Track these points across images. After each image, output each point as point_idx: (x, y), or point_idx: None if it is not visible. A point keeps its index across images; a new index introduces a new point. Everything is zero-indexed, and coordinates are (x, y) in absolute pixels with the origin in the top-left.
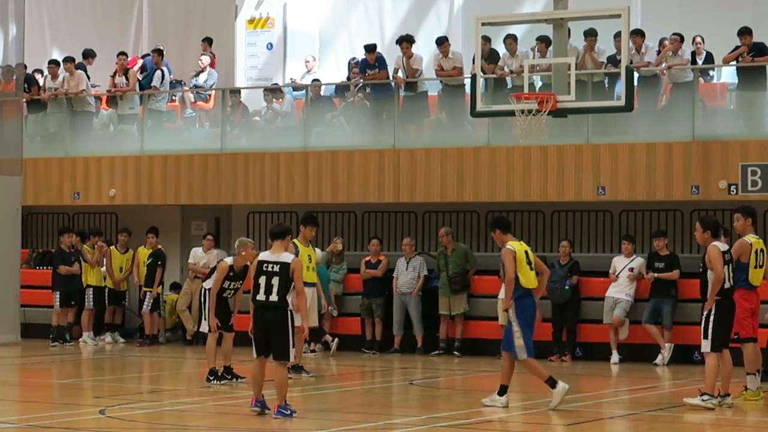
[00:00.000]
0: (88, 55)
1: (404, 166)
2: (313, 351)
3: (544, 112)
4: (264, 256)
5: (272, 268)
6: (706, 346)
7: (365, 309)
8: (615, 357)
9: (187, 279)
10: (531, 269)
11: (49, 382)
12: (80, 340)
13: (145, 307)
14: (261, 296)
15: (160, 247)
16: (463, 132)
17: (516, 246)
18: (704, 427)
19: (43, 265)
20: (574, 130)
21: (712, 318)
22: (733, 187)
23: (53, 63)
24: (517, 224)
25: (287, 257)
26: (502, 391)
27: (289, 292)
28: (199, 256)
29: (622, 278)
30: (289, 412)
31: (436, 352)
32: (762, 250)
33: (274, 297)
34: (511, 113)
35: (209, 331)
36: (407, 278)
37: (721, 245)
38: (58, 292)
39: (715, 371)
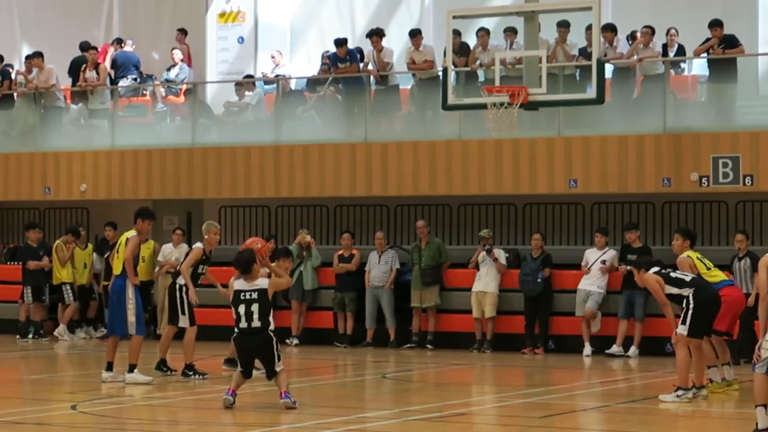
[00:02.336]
0: (86, 47)
1: (376, 160)
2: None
3: (516, 105)
4: (240, 285)
5: (250, 295)
6: (682, 329)
7: (338, 303)
8: (587, 349)
9: (159, 275)
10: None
11: (19, 378)
12: (56, 333)
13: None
14: (243, 324)
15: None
16: (434, 125)
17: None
18: (677, 418)
19: (14, 261)
20: (546, 123)
21: (692, 305)
22: (704, 179)
23: (28, 58)
24: (489, 217)
25: (263, 283)
26: None
27: (270, 314)
28: (168, 251)
29: (594, 271)
30: (292, 400)
31: (409, 345)
32: (701, 257)
33: (256, 323)
34: (483, 106)
35: (189, 325)
36: (380, 272)
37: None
38: (29, 287)
39: (687, 363)
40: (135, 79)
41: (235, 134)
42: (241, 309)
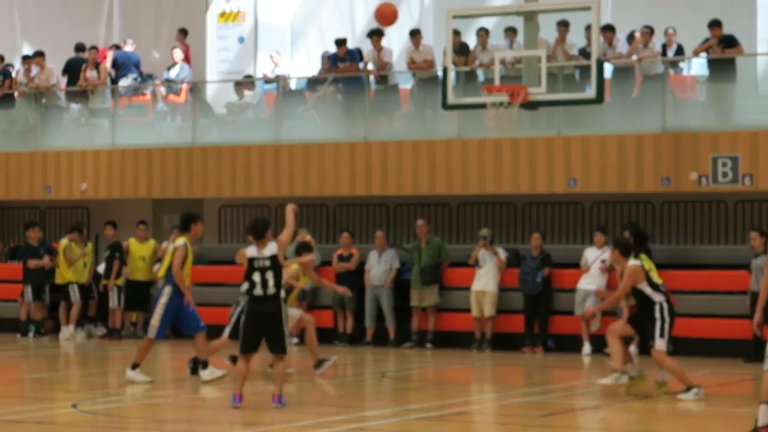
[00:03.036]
0: (80, 48)
1: (376, 159)
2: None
3: (515, 104)
4: (252, 252)
5: (264, 263)
6: (661, 345)
7: (337, 302)
8: (587, 348)
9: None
10: None
11: (19, 377)
12: (66, 335)
13: (112, 303)
14: (259, 291)
15: (117, 239)
16: (434, 125)
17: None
18: (677, 417)
19: (15, 259)
20: (546, 123)
21: (668, 319)
22: (703, 179)
23: (27, 58)
24: (489, 217)
25: (273, 248)
26: None
27: (282, 282)
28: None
29: (594, 270)
30: (284, 403)
31: (409, 344)
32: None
33: (271, 290)
34: (483, 106)
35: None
36: (379, 271)
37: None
38: (29, 286)
39: (676, 363)
40: (135, 79)
41: (235, 134)
42: (256, 276)
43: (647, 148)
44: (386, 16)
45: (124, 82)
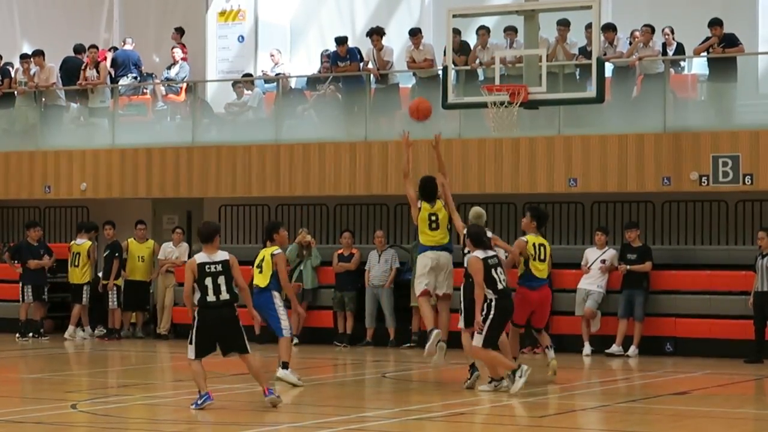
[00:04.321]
0: (80, 50)
1: (376, 159)
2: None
3: (516, 104)
4: (202, 258)
5: (215, 268)
6: (478, 341)
7: (337, 302)
8: (587, 349)
9: (159, 274)
10: None
11: (18, 377)
12: (84, 335)
13: (111, 304)
14: (212, 297)
15: (116, 239)
16: (434, 124)
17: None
18: (677, 418)
19: (14, 260)
20: (546, 122)
21: (491, 317)
22: (704, 179)
23: (25, 57)
24: (489, 216)
25: (224, 255)
26: None
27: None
28: (169, 250)
29: (594, 270)
30: (275, 392)
31: (409, 344)
32: (542, 245)
33: (225, 295)
34: (483, 105)
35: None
36: (379, 271)
37: (481, 253)
38: (29, 286)
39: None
40: (135, 78)
41: (235, 133)
42: (209, 282)
43: (648, 148)
44: (421, 111)
45: (124, 81)
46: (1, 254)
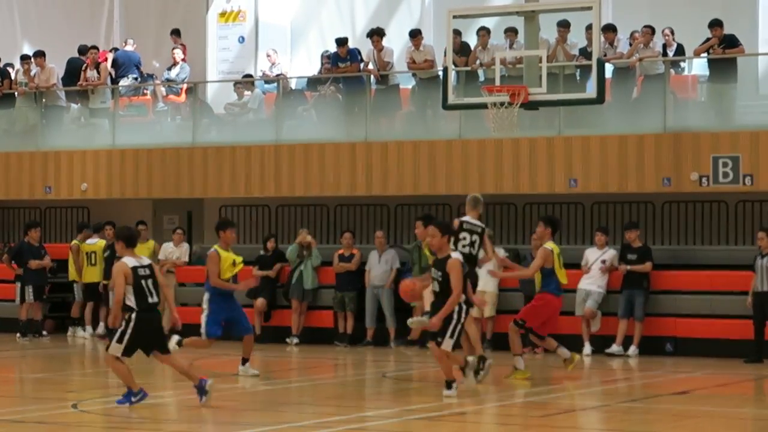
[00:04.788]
0: (84, 51)
1: (376, 159)
2: None
3: (516, 104)
4: (132, 262)
5: (146, 271)
6: (448, 345)
7: (338, 302)
8: (587, 348)
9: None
10: None
11: (19, 377)
12: (96, 334)
13: (111, 303)
14: (151, 299)
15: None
16: (435, 125)
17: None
18: (677, 418)
19: (13, 261)
20: (546, 123)
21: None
22: (704, 179)
23: (26, 58)
24: (489, 217)
25: (148, 259)
26: None
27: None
28: (169, 250)
29: (594, 270)
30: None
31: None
32: (559, 254)
33: (155, 299)
34: (483, 106)
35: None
36: (380, 271)
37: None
38: (30, 286)
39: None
40: (136, 79)
41: (236, 133)
42: (144, 284)
43: (648, 148)
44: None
45: (125, 82)
46: (0, 254)
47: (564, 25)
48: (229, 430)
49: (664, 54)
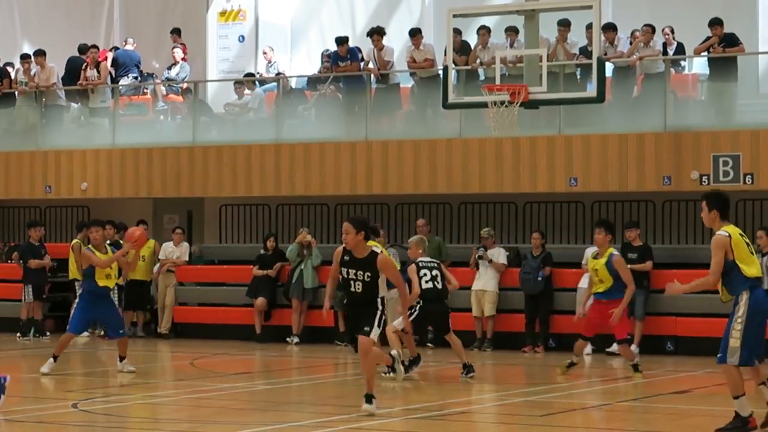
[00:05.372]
0: (84, 50)
1: (377, 158)
2: None
3: (516, 103)
4: None
5: None
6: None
7: (338, 301)
8: (588, 348)
9: (160, 274)
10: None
11: (19, 376)
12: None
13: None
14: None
15: (117, 239)
16: (435, 124)
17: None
18: (678, 417)
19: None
20: (547, 122)
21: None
22: (704, 178)
23: (26, 57)
24: (490, 216)
25: None
26: None
27: None
28: (170, 250)
29: None
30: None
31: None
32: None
33: None
34: (484, 105)
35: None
36: None
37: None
38: (30, 286)
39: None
40: (136, 78)
41: (236, 133)
42: None
43: (648, 147)
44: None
45: (125, 81)
46: (0, 254)
47: (564, 24)
48: (229, 429)
49: (665, 53)
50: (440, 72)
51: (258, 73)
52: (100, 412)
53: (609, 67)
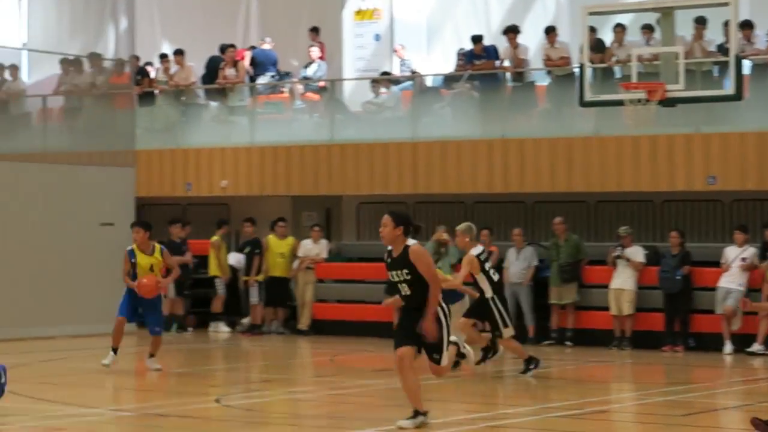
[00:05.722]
0: (224, 50)
1: (513, 156)
2: None
3: (654, 101)
4: None
5: None
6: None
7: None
8: (728, 347)
9: (299, 271)
10: None
11: (163, 371)
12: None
13: (252, 299)
14: None
15: (257, 236)
16: (571, 122)
17: None
18: None
19: None
20: (684, 119)
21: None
22: None
23: (165, 56)
24: (627, 214)
25: None
26: None
27: None
28: (308, 247)
29: (734, 268)
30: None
31: (548, 342)
32: None
33: None
34: (620, 103)
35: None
36: (518, 268)
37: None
38: (172, 282)
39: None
40: (273, 77)
41: (373, 131)
42: None
43: None
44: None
45: (262, 80)
46: None
47: (700, 22)
48: (370, 425)
49: None
50: (576, 70)
51: (390, 73)
52: (241, 407)
53: (746, 65)
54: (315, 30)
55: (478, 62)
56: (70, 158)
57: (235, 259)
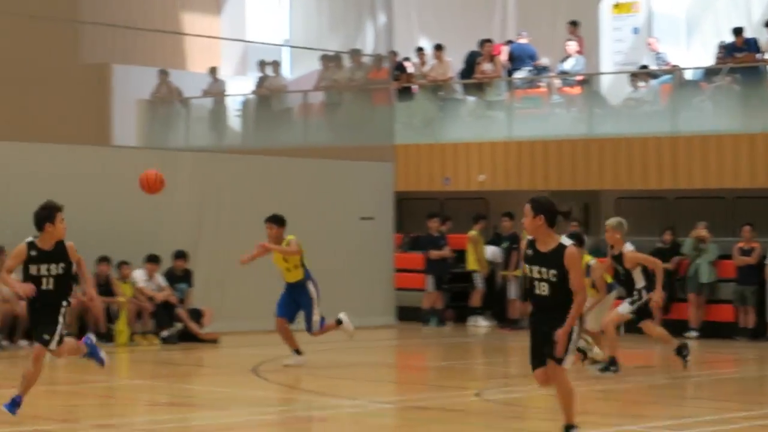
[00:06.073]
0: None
1: None
2: None
3: None
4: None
5: None
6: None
7: (738, 296)
8: None
9: None
10: None
11: (424, 364)
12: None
13: (510, 294)
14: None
15: (515, 231)
16: None
17: None
18: None
19: (414, 249)
20: None
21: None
22: None
23: (420, 50)
24: None
25: None
26: None
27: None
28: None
29: None
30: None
31: None
32: None
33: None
34: None
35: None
36: None
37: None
38: (431, 276)
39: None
40: (530, 71)
41: (631, 125)
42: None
43: None
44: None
45: (519, 75)
46: (403, 244)
47: None
48: (624, 422)
49: None
50: None
51: (648, 67)
52: (500, 401)
53: None
54: (574, 24)
55: (739, 55)
56: (329, 153)
57: (491, 253)
